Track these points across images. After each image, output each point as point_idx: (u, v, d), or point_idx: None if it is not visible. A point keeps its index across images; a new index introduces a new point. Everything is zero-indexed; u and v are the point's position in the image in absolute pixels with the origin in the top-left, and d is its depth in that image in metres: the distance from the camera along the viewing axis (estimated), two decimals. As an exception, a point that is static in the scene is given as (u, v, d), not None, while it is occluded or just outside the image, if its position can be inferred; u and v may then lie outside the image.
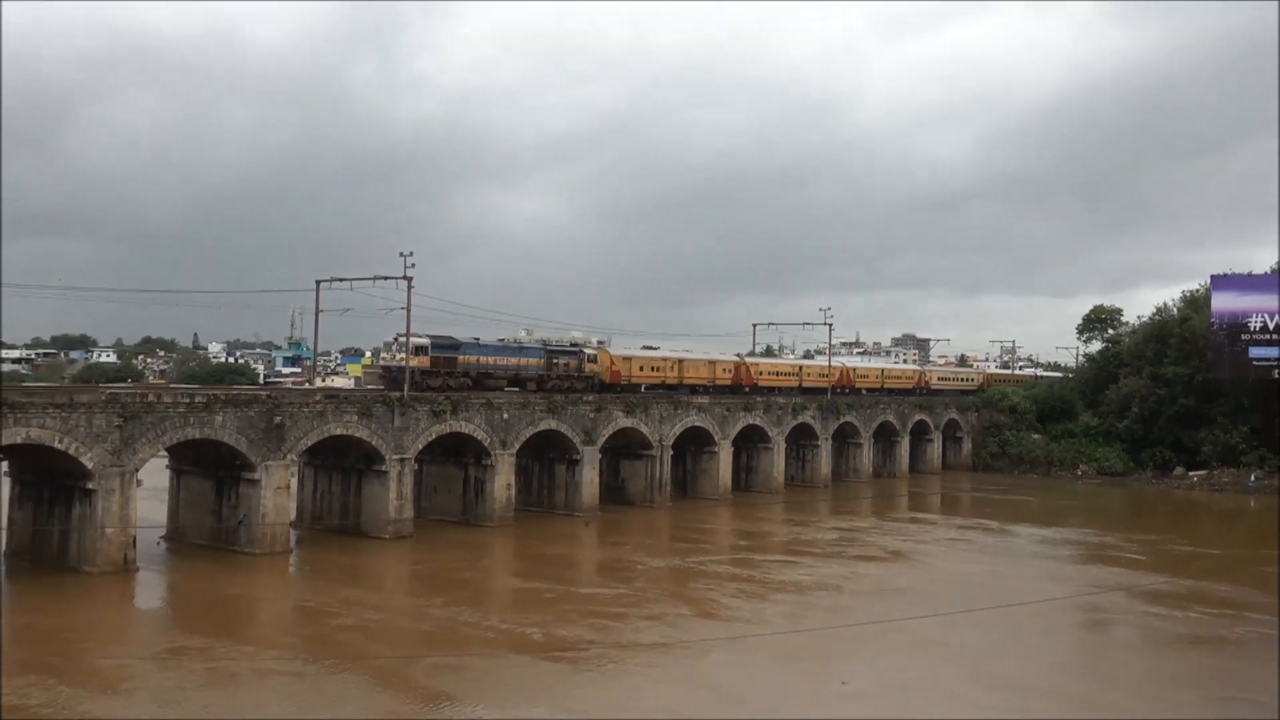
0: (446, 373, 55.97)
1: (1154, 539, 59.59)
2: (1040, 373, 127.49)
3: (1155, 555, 53.74)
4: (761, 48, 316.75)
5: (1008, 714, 27.34)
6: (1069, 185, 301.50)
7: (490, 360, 59.50)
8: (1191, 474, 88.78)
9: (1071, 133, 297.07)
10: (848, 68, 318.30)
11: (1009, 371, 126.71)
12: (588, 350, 67.82)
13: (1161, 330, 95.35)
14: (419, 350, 54.93)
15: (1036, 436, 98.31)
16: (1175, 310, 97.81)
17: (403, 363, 53.94)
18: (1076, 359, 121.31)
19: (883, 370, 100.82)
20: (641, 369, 70.53)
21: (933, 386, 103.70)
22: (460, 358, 57.14)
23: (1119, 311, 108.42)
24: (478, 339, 59.86)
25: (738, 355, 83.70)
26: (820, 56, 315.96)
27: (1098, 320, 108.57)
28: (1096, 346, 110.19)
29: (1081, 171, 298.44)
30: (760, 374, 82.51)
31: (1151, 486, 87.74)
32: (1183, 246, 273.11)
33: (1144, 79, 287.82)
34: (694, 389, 74.03)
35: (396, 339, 56.19)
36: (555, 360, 64.07)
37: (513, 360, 61.52)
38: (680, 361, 75.45)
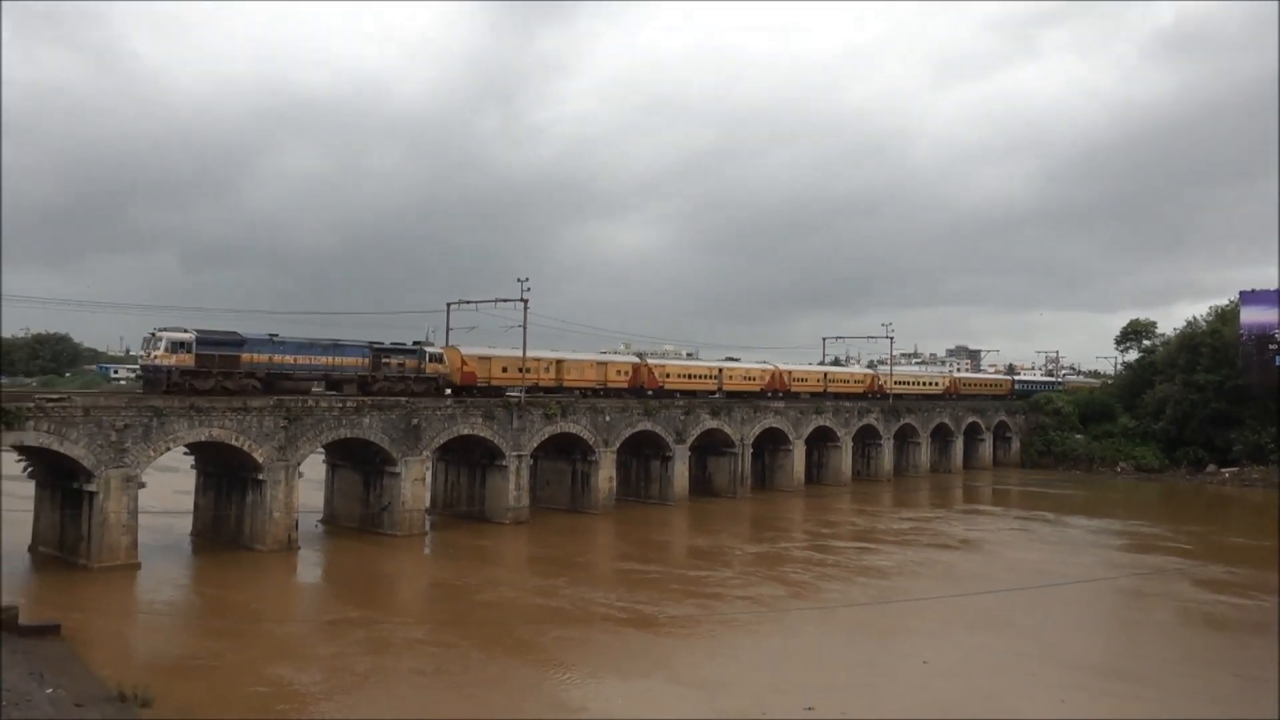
0: (222, 373, 43.53)
1: (1199, 529, 55.98)
2: (1019, 377, 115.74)
3: (1206, 545, 50.25)
4: (831, 93, 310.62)
5: (1089, 695, 25.34)
6: (1111, 211, 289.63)
7: (289, 359, 46.25)
8: (1223, 470, 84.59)
9: (1114, 164, 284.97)
10: (909, 109, 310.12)
11: (981, 375, 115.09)
12: (431, 349, 52.73)
13: (1192, 341, 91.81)
14: (178, 346, 42.21)
15: (1079, 436, 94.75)
16: (1205, 323, 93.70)
17: (159, 362, 42.29)
18: (1115, 367, 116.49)
19: (825, 374, 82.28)
20: (505, 370, 55.08)
21: (887, 390, 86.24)
22: (245, 356, 44.48)
23: (1154, 324, 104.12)
24: (274, 335, 46.24)
25: (638, 356, 67.19)
26: (884, 99, 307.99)
27: (1134, 332, 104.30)
28: (1133, 356, 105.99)
29: (1123, 198, 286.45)
30: (667, 376, 66.07)
31: (1186, 482, 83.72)
32: (1215, 265, 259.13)
33: (1182, 113, 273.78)
34: (584, 393, 60.08)
35: (155, 334, 42.75)
36: (386, 360, 50.32)
37: (323, 359, 48.03)
38: (558, 362, 59.59)
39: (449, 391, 53.67)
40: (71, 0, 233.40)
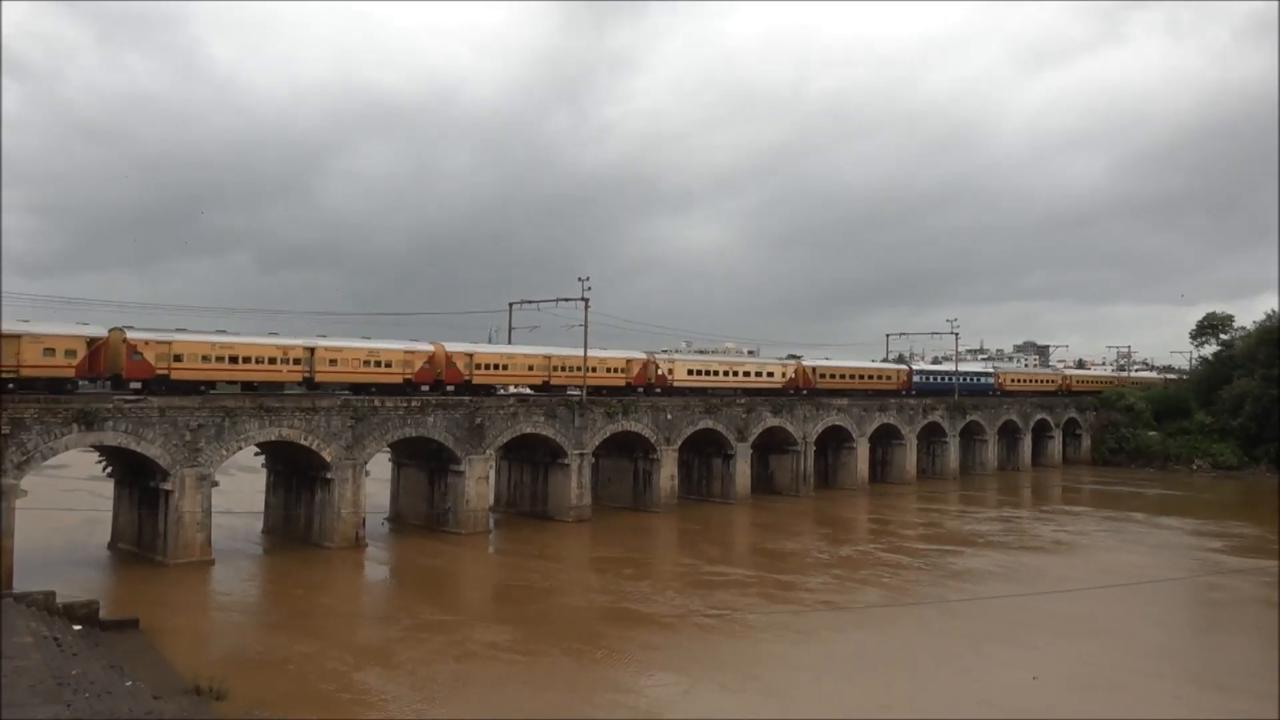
0: None
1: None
2: (921, 368, 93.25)
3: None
4: (909, 84, 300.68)
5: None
6: (1198, 203, 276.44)
7: None
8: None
9: (1204, 154, 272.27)
10: (988, 100, 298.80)
11: (851, 365, 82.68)
12: None
13: (1273, 334, 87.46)
14: None
15: (1153, 433, 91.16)
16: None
17: None
18: (1190, 362, 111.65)
19: (547, 358, 55.84)
20: None
21: (750, 385, 66.92)
22: None
23: (1231, 318, 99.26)
24: None
25: (176, 329, 42.20)
26: (964, 88, 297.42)
27: (1211, 326, 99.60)
28: (1210, 350, 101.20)
29: (1211, 190, 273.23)
30: (176, 359, 41.03)
31: (1266, 480, 79.55)
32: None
33: (1274, 99, 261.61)
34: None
35: None
36: None
37: None
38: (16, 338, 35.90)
39: None
40: (153, 1, 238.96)
